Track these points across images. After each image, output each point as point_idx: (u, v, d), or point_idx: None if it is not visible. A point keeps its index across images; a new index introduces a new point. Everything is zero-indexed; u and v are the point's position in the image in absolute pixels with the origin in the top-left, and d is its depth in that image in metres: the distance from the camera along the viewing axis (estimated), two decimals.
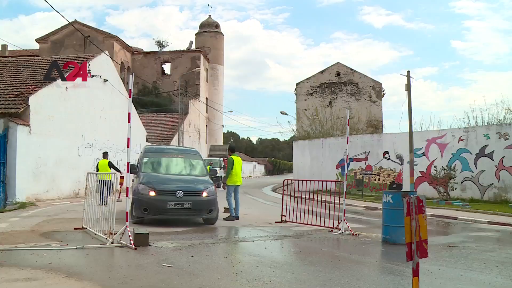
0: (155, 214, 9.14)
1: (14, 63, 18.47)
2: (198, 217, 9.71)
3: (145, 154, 10.72)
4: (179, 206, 9.11)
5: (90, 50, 27.91)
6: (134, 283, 4.64)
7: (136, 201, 9.12)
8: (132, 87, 7.48)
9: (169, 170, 10.49)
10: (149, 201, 9.09)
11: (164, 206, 9.05)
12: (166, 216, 9.29)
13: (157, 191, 9.15)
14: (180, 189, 9.20)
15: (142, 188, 9.27)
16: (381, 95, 36.13)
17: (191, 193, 9.39)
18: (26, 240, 7.01)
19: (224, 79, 48.30)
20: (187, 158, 11.09)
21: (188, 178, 10.26)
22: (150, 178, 9.68)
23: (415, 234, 3.31)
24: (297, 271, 5.43)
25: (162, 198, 9.08)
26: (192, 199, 9.26)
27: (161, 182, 9.51)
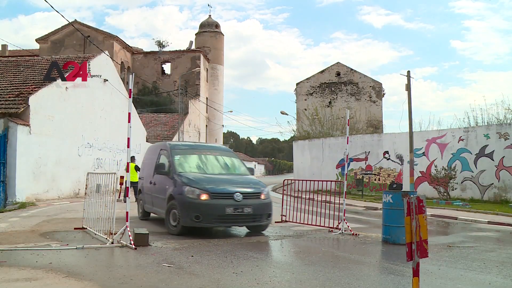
0: (210, 222, 7.79)
1: (14, 63, 18.47)
2: (258, 224, 8.41)
3: (173, 151, 9.18)
4: (238, 212, 7.78)
5: (90, 50, 27.92)
6: (134, 283, 4.64)
7: (182, 207, 7.75)
8: (132, 87, 7.48)
9: (210, 170, 9.05)
10: (201, 206, 7.64)
11: (221, 212, 7.68)
12: (223, 224, 8.22)
13: (210, 194, 7.75)
14: (238, 191, 7.91)
15: (188, 191, 7.81)
16: (381, 95, 36.15)
17: (251, 195, 8.11)
18: (26, 240, 7.01)
19: (224, 79, 48.29)
20: (223, 156, 9.74)
21: (239, 179, 8.92)
22: (195, 178, 8.18)
23: (415, 234, 3.31)
24: (297, 271, 5.43)
25: (218, 202, 7.73)
26: (252, 203, 8.00)
27: (212, 183, 8.11)
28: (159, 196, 8.93)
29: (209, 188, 7.86)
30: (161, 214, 9.02)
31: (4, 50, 36.94)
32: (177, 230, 7.85)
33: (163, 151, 9.62)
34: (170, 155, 9.01)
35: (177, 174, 8.43)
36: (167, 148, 9.48)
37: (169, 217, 8.10)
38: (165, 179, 8.73)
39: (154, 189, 9.35)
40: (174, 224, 7.97)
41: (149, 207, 9.95)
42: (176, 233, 7.82)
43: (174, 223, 7.96)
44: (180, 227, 7.83)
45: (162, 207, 8.68)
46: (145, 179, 10.33)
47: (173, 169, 8.60)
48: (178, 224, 7.85)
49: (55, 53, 32.11)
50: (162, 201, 8.60)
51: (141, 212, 10.58)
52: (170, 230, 8.03)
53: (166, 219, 8.17)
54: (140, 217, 10.55)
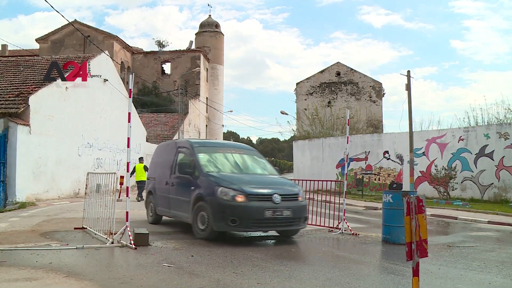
0: (248, 226, 7.15)
1: (14, 63, 18.47)
2: (295, 228, 7.84)
3: (196, 149, 8.50)
4: (277, 215, 7.20)
5: (90, 50, 27.92)
6: (134, 283, 4.64)
7: (215, 210, 7.16)
8: (132, 87, 7.48)
9: (238, 169, 8.44)
10: (238, 209, 7.04)
11: (260, 216, 7.08)
12: (261, 229, 7.59)
13: (248, 195, 7.12)
14: (276, 192, 7.34)
15: (222, 192, 7.19)
16: (381, 95, 36.16)
17: (289, 197, 7.55)
18: (26, 240, 7.01)
19: (224, 79, 48.29)
20: (248, 155, 9.17)
21: (271, 179, 8.39)
22: (227, 178, 7.59)
23: (415, 234, 3.31)
24: (297, 270, 5.43)
25: (256, 205, 7.12)
26: (291, 205, 7.44)
27: (246, 183, 7.48)
28: (180, 198, 8.26)
29: (245, 189, 7.20)
30: (181, 218, 8.40)
31: (4, 50, 36.94)
32: (206, 235, 7.30)
33: (182, 149, 8.92)
34: (193, 154, 8.35)
35: (204, 173, 7.78)
36: (188, 145, 8.79)
37: (196, 220, 7.52)
38: (188, 180, 8.05)
39: (172, 190, 8.61)
40: (202, 227, 7.41)
41: (163, 210, 9.13)
42: (204, 238, 7.30)
43: (203, 227, 7.39)
44: (210, 231, 7.26)
45: (184, 210, 8.03)
46: (157, 179, 9.57)
47: (199, 169, 7.90)
48: (208, 228, 7.28)
49: (55, 53, 32.12)
50: (185, 204, 7.94)
51: (151, 215, 9.71)
52: (198, 234, 7.47)
53: (193, 222, 7.57)
54: (150, 221, 9.66)
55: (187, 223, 8.87)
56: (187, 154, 8.62)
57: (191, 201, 7.70)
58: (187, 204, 7.86)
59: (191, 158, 8.32)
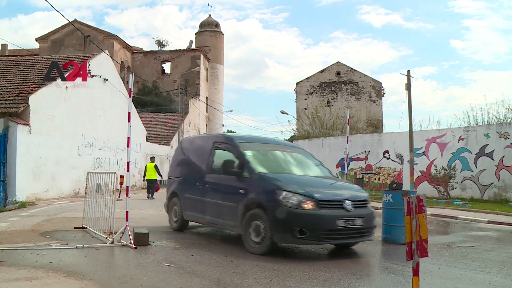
0: (319, 238, 6.07)
1: (14, 62, 18.47)
2: (366, 239, 6.90)
3: (240, 145, 7.38)
4: (350, 224, 6.24)
5: (90, 50, 27.90)
6: (134, 282, 4.64)
7: (277, 218, 6.01)
8: (132, 87, 7.49)
9: (293, 170, 7.43)
10: (307, 218, 5.97)
11: (332, 226, 6.08)
12: (333, 241, 6.48)
13: (318, 201, 6.07)
14: (347, 198, 6.41)
15: (286, 197, 6.09)
16: (381, 95, 36.16)
17: (360, 203, 6.60)
18: (26, 239, 7.01)
19: (224, 78, 48.29)
20: (297, 153, 8.11)
21: (335, 182, 7.46)
22: (288, 180, 6.58)
23: (415, 234, 3.31)
24: (297, 270, 5.42)
25: (327, 213, 6.12)
26: (363, 213, 6.55)
27: (312, 187, 6.47)
28: (221, 202, 7.15)
29: (314, 194, 6.19)
30: (222, 226, 7.45)
31: (4, 50, 36.93)
32: (263, 249, 6.15)
33: (221, 145, 7.76)
34: (239, 151, 7.21)
35: (257, 174, 6.68)
36: (230, 141, 7.65)
37: (248, 231, 6.39)
38: (234, 181, 6.88)
39: (208, 193, 7.49)
40: (257, 240, 6.27)
41: (193, 215, 8.02)
42: (260, 252, 6.13)
43: (258, 239, 6.26)
44: (269, 245, 6.15)
45: (228, 217, 6.94)
46: (184, 180, 8.49)
47: (250, 169, 6.78)
48: (265, 241, 6.16)
49: (55, 52, 32.10)
50: (230, 210, 6.84)
51: (175, 220, 8.51)
52: (251, 248, 6.33)
53: (244, 234, 6.47)
54: (175, 227, 8.51)
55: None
56: (230, 151, 7.41)
57: (240, 208, 6.56)
58: (232, 211, 6.73)
59: (237, 156, 7.14)
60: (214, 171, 7.57)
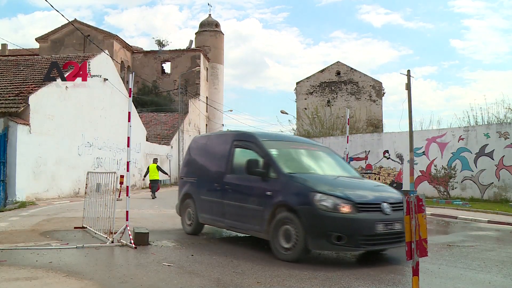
0: (357, 244, 5.62)
1: (14, 62, 18.48)
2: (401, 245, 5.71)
3: (264, 143, 6.91)
4: (389, 229, 5.74)
5: (90, 49, 27.90)
6: (134, 282, 4.64)
7: (312, 223, 5.56)
8: (132, 86, 7.49)
9: (322, 170, 6.97)
10: (345, 222, 5.52)
11: (370, 231, 5.63)
12: (371, 247, 5.93)
13: (355, 204, 5.63)
14: (385, 200, 5.94)
15: (321, 199, 5.66)
16: (381, 94, 36.16)
17: (397, 206, 5.93)
18: (26, 239, 7.01)
19: (224, 78, 48.30)
20: (323, 152, 7.64)
21: (367, 183, 7.12)
22: (323, 181, 6.20)
23: (415, 233, 3.31)
24: (297, 269, 5.42)
25: (366, 216, 5.67)
26: (401, 216, 5.36)
27: (346, 188, 6.05)
28: (244, 205, 6.67)
29: (351, 196, 5.75)
30: (245, 230, 6.95)
31: (4, 49, 36.94)
32: (295, 255, 5.72)
33: (242, 143, 7.28)
34: (263, 149, 6.75)
35: (286, 175, 6.23)
36: (252, 139, 7.15)
37: (277, 237, 5.94)
38: (259, 182, 6.41)
39: (228, 194, 6.99)
40: (287, 246, 5.81)
41: (210, 218, 7.56)
42: (291, 259, 5.69)
43: (288, 245, 5.80)
44: (301, 251, 5.70)
45: (252, 221, 6.49)
46: (199, 180, 7.97)
47: (277, 168, 6.34)
48: (297, 247, 5.69)
49: (55, 52, 32.11)
50: (255, 213, 6.39)
51: (189, 224, 8.05)
52: (281, 254, 5.87)
53: (273, 240, 6.02)
54: (189, 231, 8.05)
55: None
56: (252, 150, 6.94)
57: (268, 211, 6.13)
58: (258, 214, 6.31)
59: (261, 155, 6.67)
60: (234, 171, 7.13)
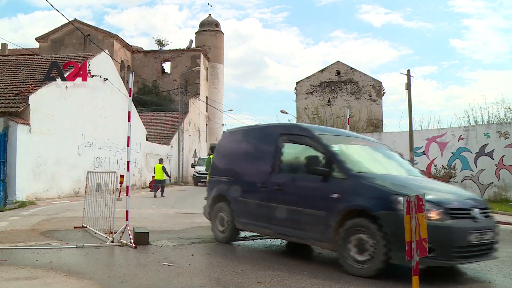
0: (450, 257, 4.77)
1: (14, 62, 18.48)
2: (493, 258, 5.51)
3: (323, 137, 6.07)
4: (481, 239, 5.01)
5: (90, 49, 27.90)
6: (134, 282, 4.64)
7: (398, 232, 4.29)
8: (132, 86, 7.49)
9: (391, 169, 6.07)
10: (436, 231, 4.48)
11: (464, 241, 4.82)
12: (463, 260, 5.02)
13: (446, 210, 4.83)
14: (474, 205, 5.21)
15: None
16: (381, 94, 36.17)
17: (487, 212, 5.43)
18: (26, 239, 7.01)
19: (224, 77, 48.30)
20: (382, 148, 6.92)
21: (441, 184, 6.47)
22: (404, 183, 5.38)
23: (415, 233, 3.31)
24: (297, 269, 5.42)
25: (457, 224, 4.84)
26: (491, 224, 5.44)
27: (431, 190, 5.14)
28: (302, 209, 5.77)
29: (441, 199, 4.97)
30: (300, 239, 6.02)
31: (4, 49, 36.93)
32: (371, 270, 4.89)
33: (293, 137, 6.44)
34: (322, 144, 5.88)
35: (355, 174, 5.40)
36: (307, 133, 6.29)
37: (347, 246, 5.12)
38: (320, 182, 5.57)
39: (278, 196, 6.12)
40: (361, 258, 4.99)
41: (252, 223, 6.63)
42: (367, 274, 4.91)
43: (362, 257, 4.98)
44: (380, 265, 4.86)
45: (313, 228, 5.62)
46: (237, 180, 7.03)
47: (344, 167, 5.51)
48: (375, 260, 4.88)
49: (55, 52, 32.11)
50: (317, 218, 5.53)
51: (223, 230, 7.08)
52: (352, 268, 5.05)
53: (342, 251, 5.19)
54: (222, 238, 7.09)
55: (187, 222, 8.79)
56: (308, 145, 6.09)
57: (334, 217, 5.25)
58: (319, 220, 5.50)
59: (322, 151, 5.78)
60: (283, 169, 6.38)
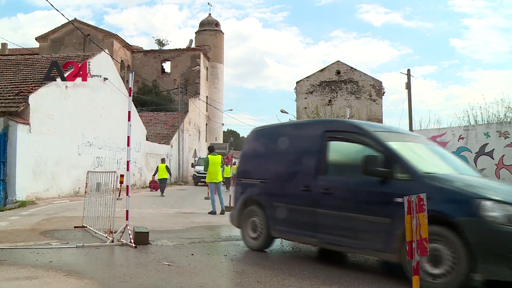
0: None
1: (14, 61, 18.47)
2: None
3: (377, 134, 5.45)
4: None
5: (90, 49, 27.90)
6: (134, 281, 4.64)
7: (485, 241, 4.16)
8: (132, 86, 7.48)
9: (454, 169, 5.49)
10: None
11: None
12: None
13: None
14: None
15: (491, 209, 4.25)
16: (381, 94, 36.16)
17: None
18: (26, 238, 7.00)
19: (224, 77, 48.30)
20: (436, 146, 6.41)
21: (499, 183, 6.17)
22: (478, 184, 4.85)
23: (416, 233, 3.31)
24: (297, 269, 5.42)
25: None
26: None
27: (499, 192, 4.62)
28: (357, 215, 5.15)
29: None
30: (355, 249, 5.41)
31: (3, 49, 36.93)
32: (451, 284, 4.30)
33: (341, 135, 5.80)
34: (378, 142, 5.28)
35: (423, 175, 4.82)
36: (358, 130, 5.61)
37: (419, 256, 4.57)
38: (379, 185, 4.98)
39: (327, 200, 5.53)
40: (436, 272, 4.41)
41: (292, 231, 6.03)
42: None
43: (438, 270, 4.40)
44: (460, 279, 4.29)
45: (373, 237, 5.00)
46: (273, 182, 6.42)
47: (408, 167, 4.93)
48: (456, 273, 4.30)
49: (55, 51, 32.10)
50: (377, 226, 4.91)
51: (255, 237, 6.52)
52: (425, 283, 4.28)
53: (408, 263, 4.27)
54: (255, 245, 6.52)
55: (187, 222, 8.79)
56: (361, 143, 5.45)
57: (400, 224, 4.37)
58: (380, 228, 4.89)
59: (379, 150, 5.18)
60: (331, 170, 5.75)
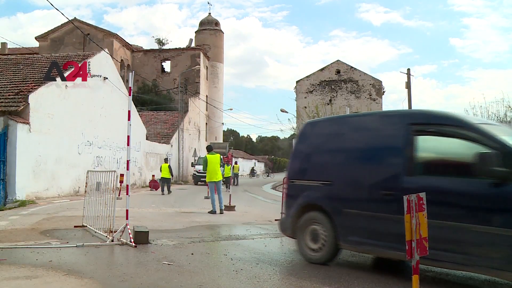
0: None
1: (14, 61, 18.45)
2: None
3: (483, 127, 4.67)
4: None
5: (90, 48, 27.90)
6: (134, 281, 4.64)
7: None
8: (132, 85, 7.48)
9: None
10: None
11: None
12: None
13: None
14: None
15: None
16: (381, 93, 36.19)
17: None
18: (26, 238, 7.01)
19: (223, 77, 48.30)
20: None
21: None
22: None
23: (415, 232, 3.31)
24: (297, 268, 5.43)
25: None
26: None
27: None
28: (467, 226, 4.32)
29: None
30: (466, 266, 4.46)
31: (3, 48, 36.92)
32: None
33: (431, 128, 4.93)
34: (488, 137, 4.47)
35: None
36: (455, 122, 4.81)
37: None
38: (495, 188, 4.22)
39: None
40: None
41: (369, 242, 5.15)
42: None
43: None
44: None
45: (493, 254, 4.19)
46: (340, 185, 5.56)
47: None
48: None
49: (54, 51, 32.09)
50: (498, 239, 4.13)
51: (317, 248, 5.63)
52: None
53: None
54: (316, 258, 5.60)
55: (187, 221, 8.77)
56: (463, 138, 4.66)
57: None
58: (502, 242, 4.12)
59: (489, 146, 4.36)
60: (421, 170, 4.89)
